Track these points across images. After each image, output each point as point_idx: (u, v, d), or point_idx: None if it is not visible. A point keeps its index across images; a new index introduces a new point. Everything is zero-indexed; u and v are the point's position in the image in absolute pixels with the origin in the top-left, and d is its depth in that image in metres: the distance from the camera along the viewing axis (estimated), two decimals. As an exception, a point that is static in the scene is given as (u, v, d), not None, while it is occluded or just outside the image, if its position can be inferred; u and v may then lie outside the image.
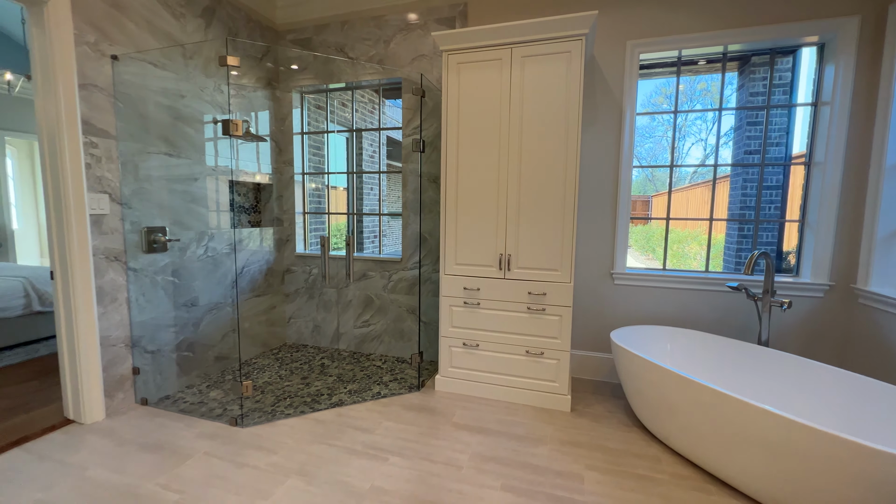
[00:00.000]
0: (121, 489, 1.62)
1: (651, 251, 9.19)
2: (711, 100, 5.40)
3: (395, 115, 5.34)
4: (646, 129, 11.03)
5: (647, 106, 2.59)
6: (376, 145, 4.96)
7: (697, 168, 8.89)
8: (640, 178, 12.48)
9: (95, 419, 2.14)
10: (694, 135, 12.85)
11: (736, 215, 3.07)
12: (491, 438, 2.03)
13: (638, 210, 12.00)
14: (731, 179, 3.34)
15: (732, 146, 3.23)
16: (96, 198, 2.09)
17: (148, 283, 2.37)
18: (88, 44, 2.04)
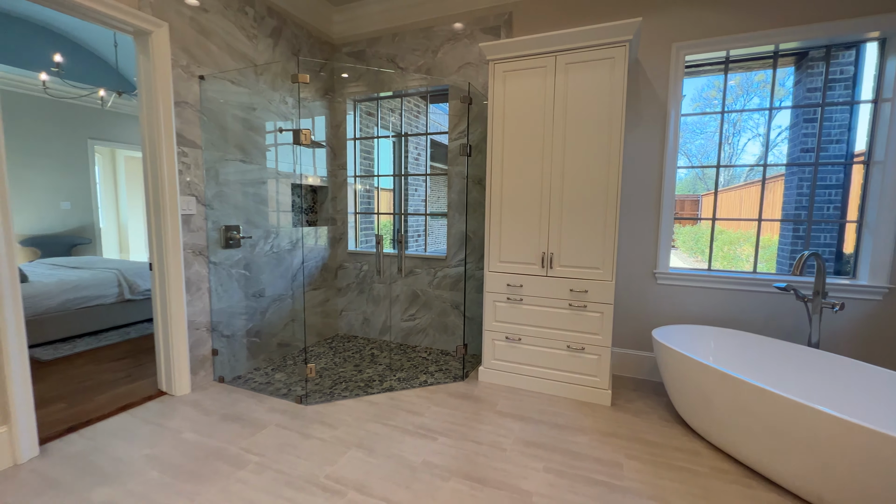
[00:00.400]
0: (212, 450, 1.89)
1: (700, 253, 8.84)
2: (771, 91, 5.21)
3: (440, 119, 5.54)
4: (696, 125, 10.56)
5: (698, 100, 2.59)
6: (421, 148, 5.18)
7: (753, 166, 8.45)
8: (689, 175, 11.91)
9: (183, 392, 2.46)
10: (751, 129, 12.10)
11: (791, 216, 2.98)
12: (532, 426, 2.15)
13: (686, 210, 11.50)
14: (785, 178, 3.24)
15: (788, 144, 3.14)
16: (186, 200, 2.41)
17: (225, 275, 2.68)
18: (181, 66, 2.35)
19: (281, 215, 3.11)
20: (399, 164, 4.60)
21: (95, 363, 2.92)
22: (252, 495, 1.61)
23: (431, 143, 5.68)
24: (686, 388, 2.05)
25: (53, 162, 5.32)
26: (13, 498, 1.57)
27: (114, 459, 1.82)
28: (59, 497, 1.58)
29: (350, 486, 1.66)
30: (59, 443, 1.94)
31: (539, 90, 2.40)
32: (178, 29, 2.32)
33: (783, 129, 2.87)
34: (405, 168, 4.68)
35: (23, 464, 1.78)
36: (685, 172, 11.08)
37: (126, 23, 2.08)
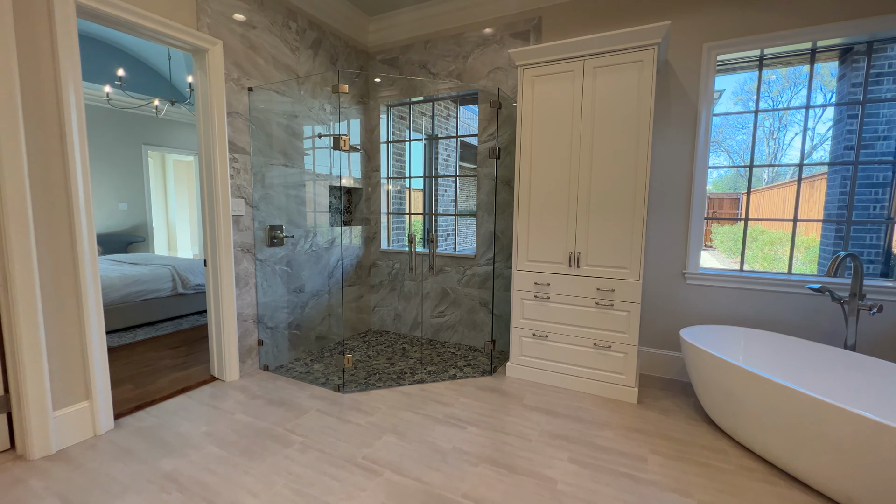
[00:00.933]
0: (261, 430, 2.08)
1: (739, 253, 8.50)
2: (820, 82, 4.97)
3: (470, 120, 5.64)
4: (738, 120, 10.10)
5: (740, 94, 2.55)
6: (450, 150, 5.30)
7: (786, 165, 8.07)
8: (729, 173, 11.36)
9: (233, 378, 2.68)
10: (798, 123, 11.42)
11: (833, 215, 2.90)
12: (559, 420, 2.22)
13: (725, 209, 11.03)
14: (828, 177, 3.14)
15: (831, 141, 3.05)
16: (236, 202, 2.63)
17: (269, 271, 2.89)
18: (233, 80, 2.57)
19: (319, 215, 3.30)
20: (430, 166, 4.74)
21: (154, 350, 3.21)
22: (298, 470, 1.77)
23: (461, 144, 5.78)
24: (712, 387, 2.07)
25: (113, 167, 5.79)
26: (96, 463, 1.80)
27: (177, 435, 2.03)
28: (133, 464, 1.80)
29: (385, 467, 1.80)
30: (130, 418, 2.18)
31: (567, 94, 2.46)
32: (231, 45, 2.54)
33: (833, 123, 2.78)
34: (436, 169, 4.82)
35: (101, 434, 2.02)
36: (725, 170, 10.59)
37: (187, 42, 2.30)
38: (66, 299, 1.91)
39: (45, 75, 1.80)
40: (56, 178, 1.85)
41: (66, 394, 1.93)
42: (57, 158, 1.85)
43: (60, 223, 1.88)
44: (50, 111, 1.82)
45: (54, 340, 1.88)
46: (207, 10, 2.40)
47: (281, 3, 2.84)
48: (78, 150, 1.89)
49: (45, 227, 1.83)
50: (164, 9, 2.19)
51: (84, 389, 1.99)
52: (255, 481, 1.70)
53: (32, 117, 1.77)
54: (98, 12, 1.94)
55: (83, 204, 1.92)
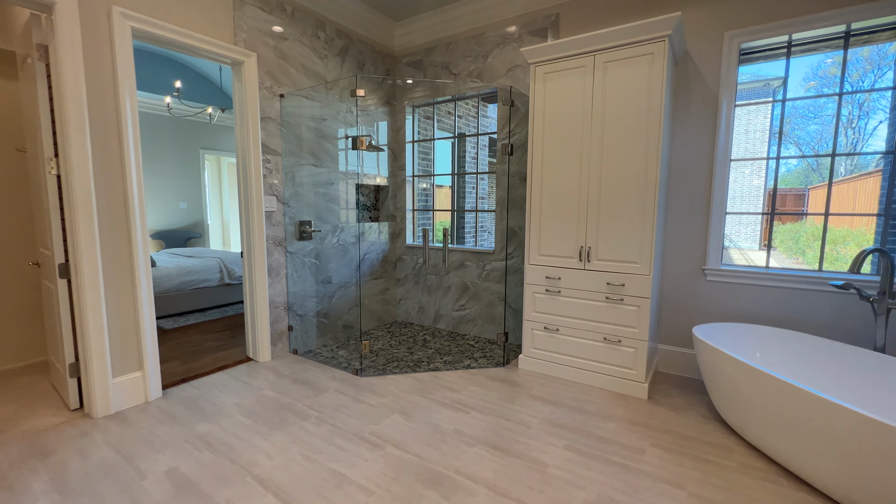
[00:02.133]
0: (283, 404, 2.30)
1: (800, 253, 7.86)
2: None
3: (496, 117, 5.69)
4: (808, 109, 9.24)
5: (812, 79, 2.41)
6: (478, 147, 5.38)
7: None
8: (800, 167, 10.40)
9: (265, 359, 2.94)
10: (882, 110, 10.22)
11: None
12: (562, 410, 2.26)
13: (788, 205, 10.21)
14: (883, 169, 2.91)
15: (888, 129, 2.82)
16: (268, 199, 2.88)
17: (299, 263, 3.14)
18: (266, 88, 2.82)
19: (347, 212, 3.52)
20: (456, 163, 4.85)
21: (202, 334, 3.57)
22: (311, 440, 1.95)
23: (491, 141, 5.84)
24: (721, 384, 2.03)
25: (175, 170, 6.41)
26: (144, 423, 2.09)
27: (213, 404, 2.30)
28: (175, 427, 2.07)
29: (388, 442, 1.94)
30: (175, 389, 2.49)
31: (578, 89, 2.48)
32: (264, 57, 2.79)
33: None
34: (461, 167, 4.92)
35: (151, 401, 2.32)
36: (795, 163, 9.71)
37: (225, 56, 2.57)
38: (123, 282, 2.22)
39: (106, 88, 2.11)
40: (115, 177, 2.16)
41: (123, 364, 2.25)
42: (115, 159, 2.16)
43: (118, 216, 2.19)
44: (110, 118, 2.13)
45: (114, 317, 2.20)
46: (243, 26, 2.65)
47: (310, 15, 3.06)
48: (132, 152, 2.19)
49: (107, 220, 2.15)
50: (204, 27, 2.46)
51: (137, 361, 2.30)
52: (272, 446, 1.90)
53: (97, 124, 2.08)
54: (149, 34, 2.23)
55: (137, 199, 2.22)
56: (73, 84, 1.97)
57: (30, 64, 2.10)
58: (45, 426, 2.06)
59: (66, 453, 1.84)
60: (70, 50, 1.95)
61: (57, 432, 2.01)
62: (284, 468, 1.75)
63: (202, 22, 2.45)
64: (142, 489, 1.62)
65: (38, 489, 1.61)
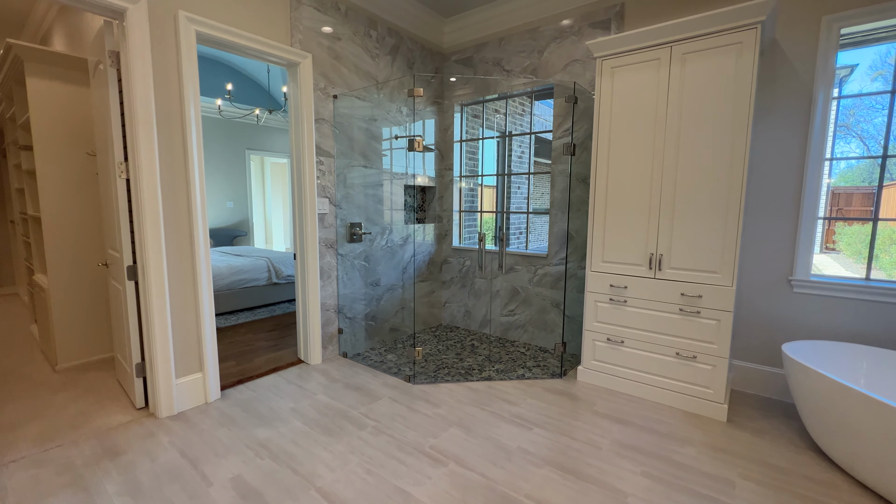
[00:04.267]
0: (338, 410, 2.26)
1: (873, 258, 7.19)
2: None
3: (546, 115, 5.50)
4: (875, 100, 8.50)
5: (879, 67, 2.14)
6: (524, 146, 5.22)
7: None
8: (863, 164, 9.61)
9: (316, 362, 2.93)
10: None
11: None
12: (632, 430, 2.10)
13: (855, 206, 9.45)
14: None
15: None
16: (321, 201, 2.86)
17: (349, 265, 3.11)
18: (320, 89, 2.80)
19: (394, 213, 3.47)
20: (502, 163, 4.71)
21: (253, 333, 3.63)
22: (371, 452, 1.89)
23: (537, 140, 5.66)
24: (823, 412, 1.81)
25: (222, 170, 6.61)
26: (206, 426, 2.10)
27: (269, 408, 2.29)
28: (235, 430, 2.06)
29: (451, 458, 1.85)
30: (232, 390, 2.50)
31: (651, 84, 2.30)
32: (318, 57, 2.76)
33: None
34: (509, 167, 4.78)
35: (210, 402, 2.34)
36: (856, 160, 8.99)
37: (282, 58, 2.56)
38: (186, 285, 2.25)
39: (172, 92, 2.12)
40: (179, 180, 2.18)
41: (185, 365, 2.27)
42: (180, 163, 2.18)
43: (182, 219, 2.21)
44: (175, 122, 2.15)
45: (177, 319, 2.23)
46: (299, 27, 2.63)
47: (362, 13, 3.02)
48: (196, 155, 2.20)
49: (172, 223, 2.17)
50: (262, 29, 2.45)
51: (198, 363, 2.33)
52: (331, 457, 1.85)
53: (163, 128, 2.10)
54: (212, 38, 2.24)
55: (199, 202, 2.23)
56: (142, 88, 1.99)
57: (101, 70, 2.15)
58: (114, 425, 2.11)
59: (135, 454, 1.87)
60: (140, 55, 1.97)
61: (125, 431, 2.05)
62: (347, 482, 1.69)
63: (260, 24, 2.44)
64: (209, 497, 1.60)
65: (111, 490, 1.63)
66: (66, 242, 2.82)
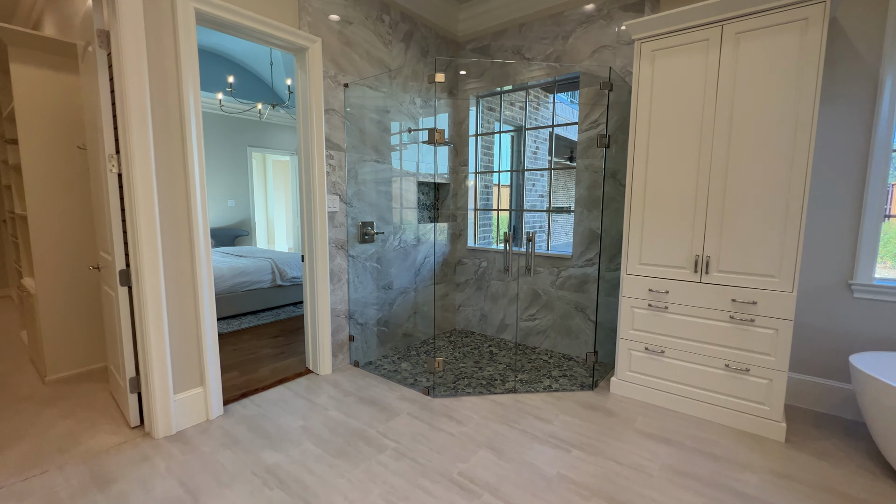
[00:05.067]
0: (353, 429, 2.05)
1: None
2: None
3: (562, 110, 5.27)
4: None
5: None
6: (539, 142, 4.99)
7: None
8: None
9: (325, 372, 2.72)
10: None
11: None
12: (682, 453, 1.89)
13: None
14: None
15: None
16: (331, 199, 2.65)
17: (360, 267, 2.89)
18: (330, 77, 2.58)
19: (407, 211, 3.25)
20: (517, 159, 4.49)
21: (257, 339, 3.41)
22: (393, 480, 1.68)
23: (550, 136, 5.44)
24: (907, 436, 1.59)
25: (224, 167, 6.39)
26: (208, 448, 1.89)
27: (277, 427, 2.07)
28: (240, 454, 1.85)
29: (484, 488, 1.64)
30: (236, 405, 2.29)
31: (698, 68, 2.08)
32: (328, 42, 2.54)
33: None
34: (523, 163, 4.56)
35: (213, 420, 2.13)
36: None
37: (289, 42, 2.34)
38: (184, 290, 2.03)
39: (169, 77, 1.91)
40: (177, 174, 1.97)
41: (184, 379, 2.06)
42: (178, 155, 1.96)
43: (180, 217, 1.99)
44: (172, 111, 1.93)
45: (175, 329, 2.01)
46: (308, 9, 2.41)
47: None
48: (195, 146, 1.98)
49: (169, 222, 1.95)
50: (268, 10, 2.23)
51: (199, 376, 2.11)
52: (349, 486, 1.64)
53: (159, 117, 1.89)
54: (212, 17, 2.02)
55: (199, 199, 2.02)
56: (135, 71, 1.77)
57: (91, 52, 1.93)
58: (106, 446, 1.90)
59: (128, 483, 1.65)
60: (132, 33, 1.76)
61: (118, 455, 1.83)
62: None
63: (266, 4, 2.22)
64: (211, 538, 1.39)
65: (98, 530, 1.42)
66: (55, 243, 2.60)
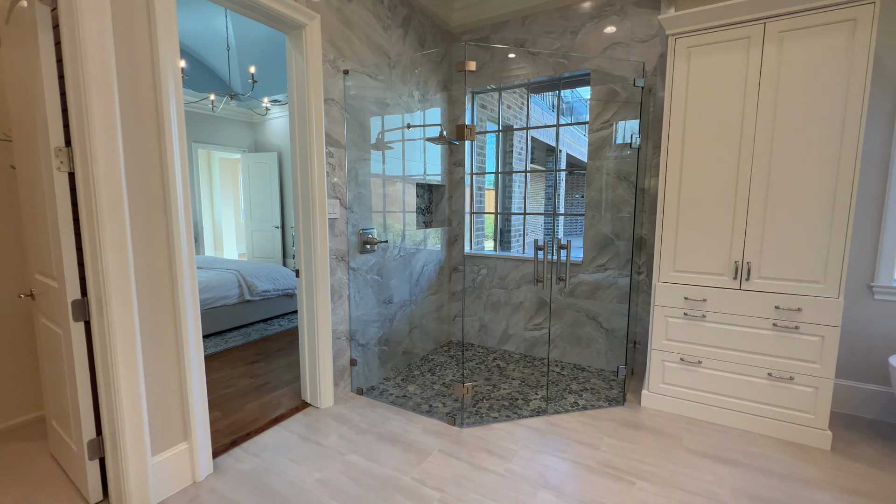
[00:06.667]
0: (383, 479, 1.72)
1: None
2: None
3: (538, 113, 5.17)
4: None
5: None
6: (523, 143, 4.86)
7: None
8: None
9: (327, 405, 2.35)
10: None
11: None
12: (744, 472, 1.78)
13: None
14: None
15: None
16: (331, 203, 2.28)
17: (361, 281, 2.55)
18: (329, 61, 2.22)
19: (407, 216, 2.94)
20: (504, 160, 4.32)
21: (231, 366, 2.92)
22: (454, 545, 1.40)
23: (534, 144, 5.33)
24: (970, 442, 1.58)
25: (167, 165, 5.62)
26: (204, 524, 1.48)
27: (288, 483, 1.70)
28: (249, 527, 1.47)
29: (562, 543, 1.41)
30: (227, 458, 1.87)
31: (738, 67, 2.00)
32: (327, 21, 2.18)
33: None
34: (508, 164, 4.40)
35: (201, 482, 1.71)
36: None
37: (285, 16, 1.95)
38: (163, 323, 1.60)
39: (139, 41, 1.47)
40: (152, 175, 1.53)
41: (165, 435, 1.62)
42: (153, 150, 1.53)
43: (156, 231, 1.56)
44: (145, 90, 1.50)
45: (153, 372, 1.57)
46: (306, -21, 2.05)
47: (375, -27, 2.47)
48: (176, 140, 1.56)
49: (142, 238, 1.52)
50: (263, -25, 1.84)
51: (183, 428, 1.68)
52: (406, 561, 1.34)
53: (128, 98, 1.45)
54: (197, -24, 1.61)
55: (182, 207, 1.59)
56: (97, 33, 1.33)
57: (24, 9, 1.45)
58: (59, 536, 1.43)
59: (101, 591, 1.22)
60: (92, -13, 1.32)
61: (78, 548, 1.38)
62: None
63: (259, -32, 1.83)
64: None
65: None
66: (-35, 263, 2.00)
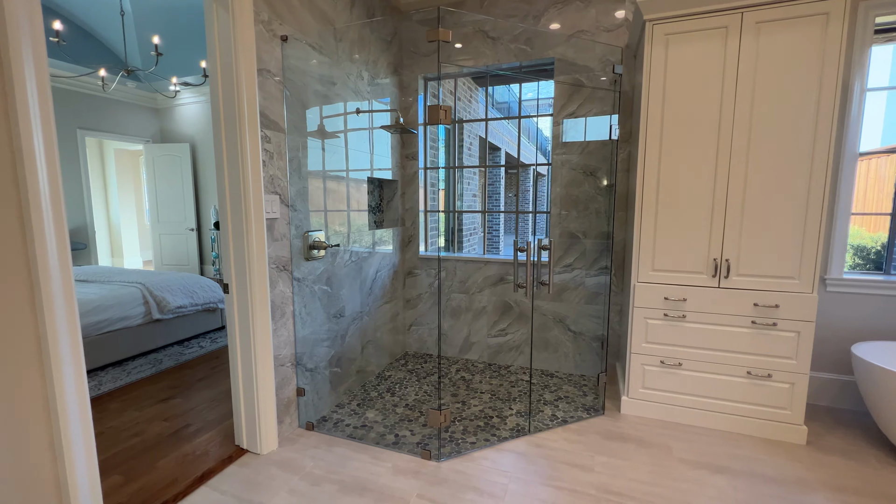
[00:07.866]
0: (356, 547, 1.37)
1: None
2: None
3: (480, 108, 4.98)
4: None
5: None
6: (472, 138, 4.66)
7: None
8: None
9: (270, 448, 1.91)
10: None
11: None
12: (739, 480, 1.70)
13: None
14: None
15: None
16: (270, 200, 1.85)
17: (308, 293, 2.13)
18: (263, 23, 1.78)
19: (358, 215, 2.56)
20: (453, 155, 4.07)
21: (136, 408, 2.32)
22: None
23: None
24: (939, 429, 1.64)
25: (42, 156, 4.56)
26: None
27: (225, 573, 1.27)
28: None
29: None
30: (134, 546, 1.38)
31: (716, 57, 1.92)
32: (259, -28, 1.74)
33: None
34: (460, 159, 4.16)
35: (94, 591, 1.21)
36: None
37: (202, -45, 1.49)
38: (16, 358, 1.09)
39: (-33, -33, 0.96)
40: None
41: (30, 536, 1.11)
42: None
43: (6, 245, 1.05)
44: (-19, 36, 0.99)
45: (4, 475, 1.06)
46: (229, -88, 1.59)
47: (317, -76, 2.06)
48: (37, 111, 1.06)
49: (-20, 251, 1.01)
50: None
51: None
52: None
53: (-55, 44, 0.93)
54: None
55: (49, 197, 1.10)
56: None
57: None
58: None
59: None
60: None
61: None
62: None
63: None
64: None
65: None
66: None
